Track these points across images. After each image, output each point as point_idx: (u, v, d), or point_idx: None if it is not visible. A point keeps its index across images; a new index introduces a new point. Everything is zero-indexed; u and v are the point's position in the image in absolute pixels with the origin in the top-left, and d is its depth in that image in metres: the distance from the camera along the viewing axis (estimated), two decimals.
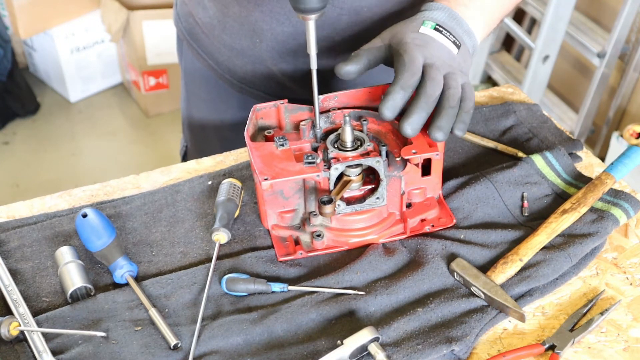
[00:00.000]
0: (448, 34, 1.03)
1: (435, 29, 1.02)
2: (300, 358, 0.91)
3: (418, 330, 0.94)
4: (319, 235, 1.05)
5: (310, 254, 1.05)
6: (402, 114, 0.96)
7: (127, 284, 1.01)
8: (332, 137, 1.05)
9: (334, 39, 1.24)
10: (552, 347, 0.92)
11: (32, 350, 0.92)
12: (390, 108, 0.95)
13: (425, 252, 1.04)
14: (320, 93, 1.10)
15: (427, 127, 0.97)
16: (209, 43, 1.36)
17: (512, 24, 2.89)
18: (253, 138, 1.08)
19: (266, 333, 0.95)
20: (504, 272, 1.00)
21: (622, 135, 2.60)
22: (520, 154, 1.20)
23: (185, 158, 1.60)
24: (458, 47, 1.03)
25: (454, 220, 1.09)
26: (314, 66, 1.00)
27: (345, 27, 1.22)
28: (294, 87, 1.33)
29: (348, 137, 1.03)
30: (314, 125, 1.06)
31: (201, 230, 1.10)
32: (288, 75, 1.31)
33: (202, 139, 1.54)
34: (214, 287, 1.01)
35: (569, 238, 1.05)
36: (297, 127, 1.09)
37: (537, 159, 1.17)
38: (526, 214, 1.11)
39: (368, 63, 1.02)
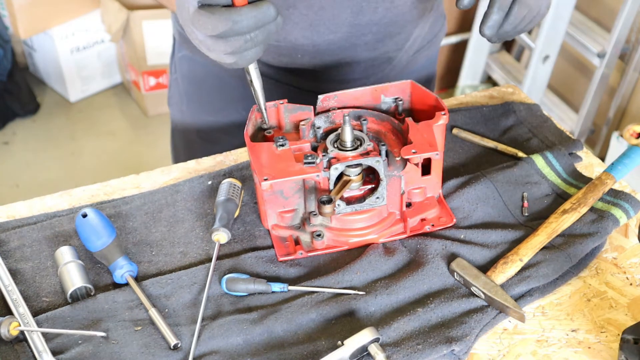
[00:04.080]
0: None
1: None
2: (300, 358, 0.91)
3: (418, 330, 0.94)
4: (319, 235, 1.05)
5: (310, 254, 1.05)
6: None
7: (127, 284, 1.01)
8: (331, 136, 1.05)
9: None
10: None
11: (32, 350, 0.92)
12: (491, 28, 0.96)
13: (425, 252, 1.04)
14: (320, 92, 1.10)
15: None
16: None
17: None
18: (253, 138, 1.08)
19: (266, 333, 0.95)
20: (504, 272, 1.00)
21: (622, 135, 2.60)
22: (520, 154, 1.20)
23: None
24: None
25: (454, 220, 1.09)
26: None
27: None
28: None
29: (348, 137, 1.03)
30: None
31: (201, 230, 1.10)
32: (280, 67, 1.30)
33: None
34: (214, 287, 1.01)
35: (569, 238, 1.05)
36: (296, 127, 1.09)
37: (537, 159, 1.17)
38: (526, 214, 1.11)
39: None
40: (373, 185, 1.06)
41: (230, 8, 0.86)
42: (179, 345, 0.93)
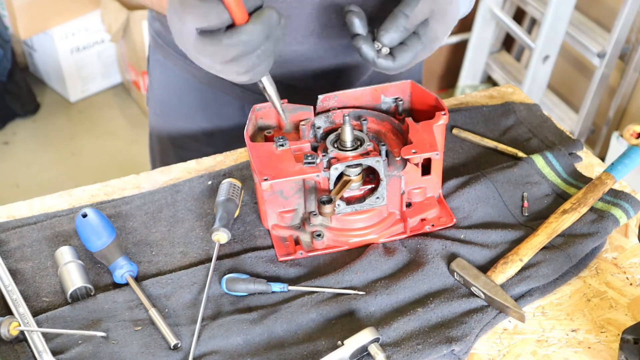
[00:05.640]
0: None
1: None
2: (300, 358, 0.91)
3: (418, 330, 0.94)
4: (319, 235, 1.05)
5: (310, 254, 1.05)
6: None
7: (127, 284, 1.01)
8: (331, 137, 1.05)
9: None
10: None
11: (32, 350, 0.92)
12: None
13: (425, 252, 1.04)
14: (320, 92, 1.10)
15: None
16: None
17: (512, 24, 2.89)
18: (253, 138, 1.08)
19: (266, 333, 0.95)
20: (504, 272, 1.00)
21: (622, 135, 2.60)
22: (520, 154, 1.20)
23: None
24: None
25: (454, 220, 1.09)
26: None
27: None
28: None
29: (348, 137, 1.03)
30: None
31: (201, 230, 1.10)
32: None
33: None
34: (214, 287, 1.01)
35: (569, 238, 1.05)
36: (296, 127, 1.09)
37: (537, 158, 1.17)
38: (526, 214, 1.11)
39: None
40: (373, 185, 1.06)
41: (233, 29, 0.80)
42: (179, 345, 0.93)
